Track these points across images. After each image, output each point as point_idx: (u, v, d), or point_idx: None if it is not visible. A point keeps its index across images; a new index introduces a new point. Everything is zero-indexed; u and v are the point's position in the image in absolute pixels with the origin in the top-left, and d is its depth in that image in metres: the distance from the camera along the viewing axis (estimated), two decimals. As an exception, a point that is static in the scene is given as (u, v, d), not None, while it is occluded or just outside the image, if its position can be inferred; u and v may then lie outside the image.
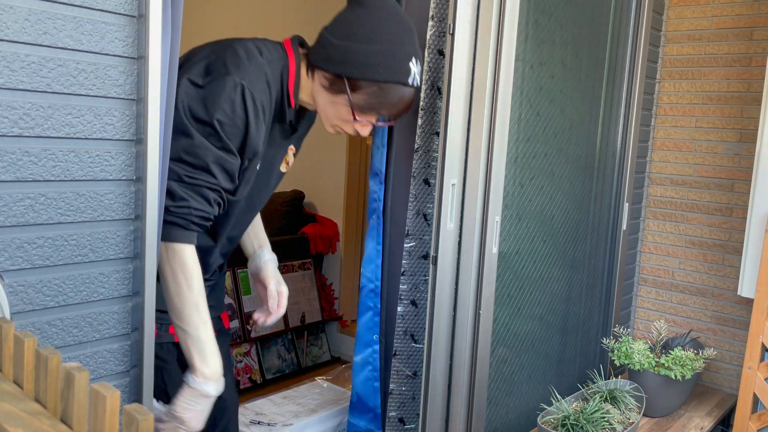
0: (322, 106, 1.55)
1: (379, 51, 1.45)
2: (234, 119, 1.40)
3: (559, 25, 2.30)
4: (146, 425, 0.66)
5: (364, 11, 1.48)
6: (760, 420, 2.34)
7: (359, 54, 1.45)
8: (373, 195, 1.94)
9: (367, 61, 1.45)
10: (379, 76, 1.46)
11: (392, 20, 1.48)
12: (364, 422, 2.00)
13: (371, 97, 1.49)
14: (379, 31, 1.46)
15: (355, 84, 1.47)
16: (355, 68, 1.46)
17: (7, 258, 1.07)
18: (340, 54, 1.46)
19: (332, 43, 1.48)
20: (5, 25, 1.03)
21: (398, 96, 1.51)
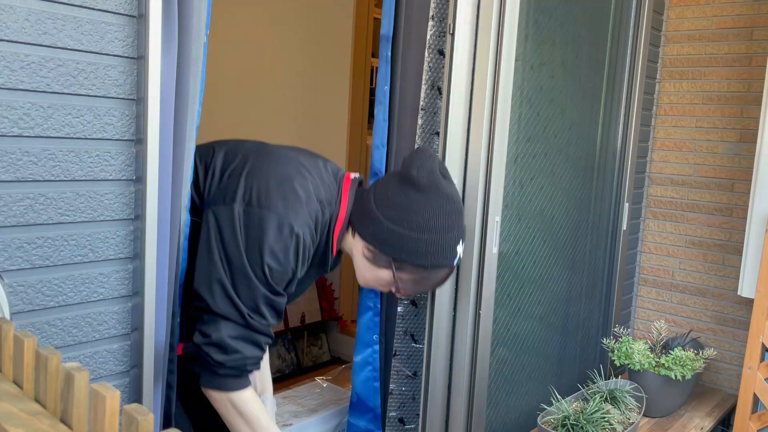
0: (360, 268, 1.56)
1: (433, 240, 1.47)
2: (285, 267, 1.40)
3: (559, 25, 2.30)
4: (146, 425, 0.66)
5: (420, 197, 1.47)
6: (760, 420, 2.34)
7: (412, 242, 1.47)
8: (373, 195, 1.94)
9: (419, 249, 1.47)
10: (428, 262, 1.49)
11: (446, 206, 1.49)
12: (364, 422, 2.00)
13: (416, 277, 1.52)
14: (433, 220, 1.47)
15: (402, 265, 1.50)
16: (406, 254, 1.48)
17: (7, 258, 1.07)
18: (393, 239, 1.47)
19: (384, 225, 1.48)
20: (5, 25, 1.02)
21: (442, 276, 1.56)
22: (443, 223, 1.48)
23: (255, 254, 1.37)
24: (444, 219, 1.48)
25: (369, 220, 1.49)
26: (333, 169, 1.60)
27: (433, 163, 1.51)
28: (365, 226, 1.50)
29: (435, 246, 1.47)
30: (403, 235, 1.46)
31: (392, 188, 1.50)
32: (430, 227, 1.46)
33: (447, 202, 1.49)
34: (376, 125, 1.85)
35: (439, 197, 1.48)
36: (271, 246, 1.37)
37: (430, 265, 1.49)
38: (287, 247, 1.38)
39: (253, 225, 1.37)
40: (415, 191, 1.47)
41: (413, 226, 1.46)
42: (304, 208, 1.42)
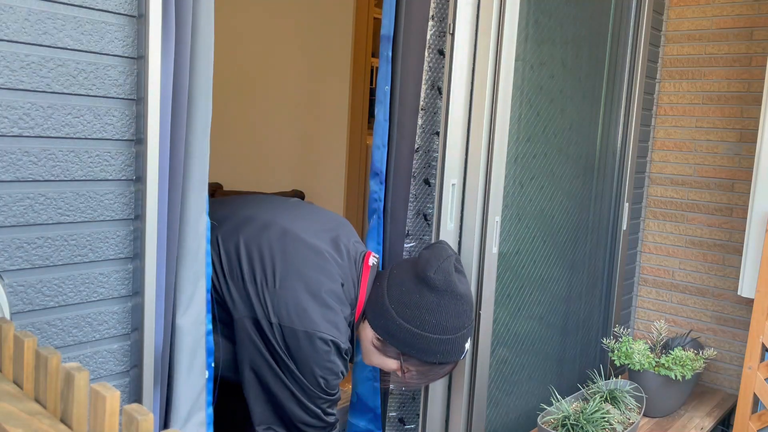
0: (368, 352, 1.59)
1: (446, 341, 1.51)
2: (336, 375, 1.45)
3: (559, 25, 2.30)
4: (146, 425, 0.66)
5: (435, 298, 1.50)
6: (760, 420, 2.34)
7: (424, 341, 1.50)
8: (373, 195, 1.94)
9: (429, 348, 1.51)
10: (437, 359, 1.52)
11: (459, 307, 1.52)
12: (364, 422, 2.00)
13: (422, 369, 1.55)
14: (446, 321, 1.50)
15: (410, 359, 1.53)
16: (416, 351, 1.51)
17: (7, 258, 1.07)
18: (404, 336, 1.50)
19: (396, 321, 1.50)
20: (5, 25, 1.02)
21: (447, 370, 1.59)
22: (455, 324, 1.51)
23: (308, 371, 1.41)
24: (456, 320, 1.51)
25: (381, 313, 1.52)
26: (353, 254, 1.58)
27: (449, 264, 1.53)
28: (377, 318, 1.53)
29: (445, 345, 1.51)
30: (415, 335, 1.49)
31: (407, 286, 1.52)
32: (443, 328, 1.50)
33: (460, 303, 1.52)
34: (376, 125, 1.85)
35: (453, 299, 1.51)
36: (322, 363, 1.41)
37: (438, 362, 1.53)
38: (334, 360, 1.43)
39: (297, 344, 1.39)
40: (429, 292, 1.50)
41: (426, 326, 1.49)
42: (342, 319, 1.45)
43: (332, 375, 1.44)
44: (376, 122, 1.85)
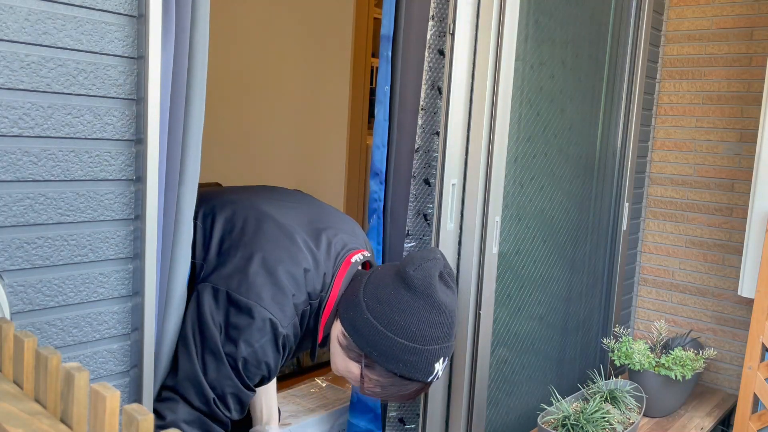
0: (334, 353, 1.45)
1: (411, 350, 1.34)
2: (260, 363, 1.34)
3: (559, 25, 2.30)
4: (146, 425, 0.66)
5: (409, 298, 1.35)
6: (760, 420, 2.34)
7: (387, 343, 1.34)
8: (373, 195, 1.94)
9: (392, 353, 1.35)
10: (399, 371, 1.36)
11: (434, 317, 1.35)
12: (364, 422, 2.00)
13: (383, 381, 1.39)
14: (416, 327, 1.34)
15: (373, 364, 1.37)
16: (377, 353, 1.35)
17: (7, 258, 1.07)
18: (369, 332, 1.36)
19: (364, 315, 1.36)
20: (5, 25, 1.02)
21: (412, 390, 1.41)
22: (426, 334, 1.34)
23: (232, 345, 1.31)
24: (428, 330, 1.34)
25: (352, 306, 1.39)
26: (337, 248, 1.47)
27: (433, 267, 1.38)
28: (347, 311, 1.40)
29: (411, 355, 1.34)
30: (380, 333, 1.34)
31: (384, 281, 1.39)
32: (410, 334, 1.34)
33: (436, 312, 1.35)
34: (376, 125, 1.85)
35: (429, 305, 1.35)
36: (251, 341, 1.31)
37: (400, 374, 1.36)
38: (266, 344, 1.32)
39: (236, 313, 1.31)
40: (405, 290, 1.35)
41: (394, 327, 1.34)
42: (290, 302, 1.35)
43: (254, 359, 1.32)
44: (376, 122, 1.85)
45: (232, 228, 1.44)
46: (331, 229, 1.50)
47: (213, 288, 1.34)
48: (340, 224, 1.55)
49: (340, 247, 1.48)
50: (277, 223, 1.45)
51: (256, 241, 1.40)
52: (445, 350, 1.39)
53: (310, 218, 1.52)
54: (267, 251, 1.38)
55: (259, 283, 1.33)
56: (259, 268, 1.35)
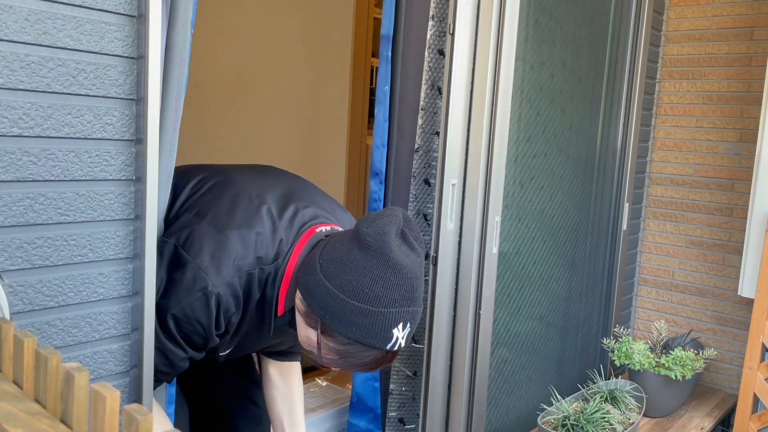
0: (297, 321, 1.37)
1: (364, 311, 1.25)
2: (190, 321, 1.30)
3: (559, 25, 2.30)
4: (146, 425, 0.66)
5: (361, 257, 1.26)
6: (760, 420, 2.34)
7: (341, 306, 1.25)
8: (373, 195, 1.94)
9: (344, 316, 1.25)
10: (354, 335, 1.26)
11: (390, 277, 1.25)
12: (364, 422, 2.00)
13: (340, 349, 1.30)
14: (368, 287, 1.25)
15: (328, 330, 1.28)
16: (330, 317, 1.27)
17: (7, 258, 1.07)
18: (322, 294, 1.27)
19: (317, 276, 1.28)
20: (5, 25, 1.02)
21: (370, 358, 1.30)
22: (380, 295, 1.25)
23: (165, 299, 1.29)
24: (383, 291, 1.25)
25: (308, 269, 1.31)
26: (304, 218, 1.41)
27: (389, 223, 1.28)
28: (303, 275, 1.32)
29: (363, 318, 1.25)
30: (331, 294, 1.26)
31: (340, 242, 1.31)
32: (363, 295, 1.24)
33: (392, 272, 1.25)
34: (376, 125, 1.85)
35: (383, 264, 1.25)
36: (180, 297, 1.28)
37: (354, 340, 1.27)
38: (194, 303, 1.28)
39: (176, 268, 1.29)
40: (358, 249, 1.26)
41: (344, 287, 1.25)
42: (230, 262, 1.29)
43: (184, 315, 1.28)
44: (376, 122, 1.85)
45: (199, 189, 1.43)
46: (305, 202, 1.44)
47: (163, 240, 1.32)
48: (318, 200, 1.49)
49: (308, 218, 1.41)
50: (244, 189, 1.41)
51: (216, 203, 1.37)
52: (404, 315, 1.28)
53: (285, 190, 1.47)
54: (222, 213, 1.35)
55: (204, 241, 1.30)
56: (209, 228, 1.32)
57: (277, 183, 1.49)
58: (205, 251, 1.30)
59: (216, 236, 1.31)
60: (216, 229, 1.32)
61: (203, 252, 1.29)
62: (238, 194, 1.40)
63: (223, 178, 1.45)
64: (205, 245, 1.30)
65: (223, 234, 1.31)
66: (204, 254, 1.29)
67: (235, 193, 1.40)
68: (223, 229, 1.32)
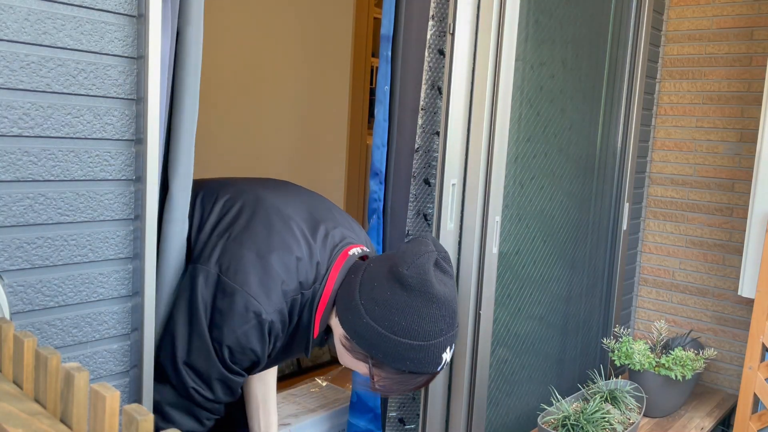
0: (340, 352, 1.43)
1: (417, 347, 1.31)
2: (245, 350, 1.32)
3: (559, 25, 2.30)
4: (146, 425, 0.66)
5: (406, 298, 1.31)
6: (760, 420, 2.34)
7: (392, 345, 1.31)
8: (373, 195, 1.94)
9: (398, 354, 1.31)
10: (408, 368, 1.33)
11: (435, 311, 1.32)
12: (364, 422, 2.00)
13: (394, 378, 1.36)
14: (418, 325, 1.31)
15: (380, 364, 1.35)
16: (383, 355, 1.32)
17: (7, 258, 1.07)
18: (371, 337, 1.32)
19: (364, 320, 1.33)
20: (5, 25, 1.02)
21: (422, 381, 1.39)
22: (429, 330, 1.31)
23: (217, 330, 1.29)
24: (430, 325, 1.31)
25: (351, 309, 1.35)
26: (334, 240, 1.44)
27: (426, 261, 1.34)
28: (345, 313, 1.36)
29: (417, 353, 1.31)
30: (383, 337, 1.31)
31: (380, 280, 1.34)
32: (413, 332, 1.30)
33: (436, 306, 1.31)
34: (376, 125, 1.85)
35: (428, 301, 1.31)
36: (233, 327, 1.29)
37: (408, 371, 1.34)
38: (249, 331, 1.30)
39: (222, 297, 1.30)
40: (402, 291, 1.31)
41: (396, 329, 1.30)
42: (278, 289, 1.32)
43: (239, 346, 1.30)
44: (376, 122, 1.85)
45: (229, 210, 1.42)
46: (330, 222, 1.48)
47: (204, 270, 1.32)
48: (339, 219, 1.53)
49: (338, 239, 1.45)
50: (275, 209, 1.43)
51: (252, 226, 1.38)
52: (450, 339, 1.36)
53: (309, 209, 1.49)
54: (261, 237, 1.36)
55: (248, 268, 1.31)
56: (251, 253, 1.33)
57: (300, 200, 1.51)
58: (252, 279, 1.30)
59: (260, 263, 1.32)
60: (258, 256, 1.33)
61: (250, 280, 1.30)
62: (270, 216, 1.40)
63: (251, 197, 1.45)
64: (251, 274, 1.30)
65: (265, 260, 1.32)
66: (252, 283, 1.30)
67: (267, 215, 1.41)
68: (265, 255, 1.33)
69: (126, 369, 1.25)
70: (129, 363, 1.25)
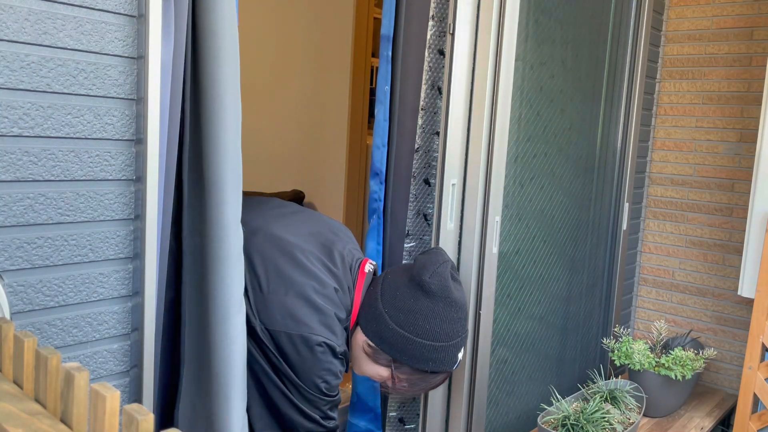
0: (358, 359, 1.56)
1: (437, 347, 1.48)
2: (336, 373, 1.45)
3: (559, 25, 2.30)
4: (146, 425, 0.66)
5: (430, 303, 1.48)
6: (760, 420, 2.34)
7: (417, 348, 1.47)
8: (373, 195, 1.94)
9: (422, 355, 1.48)
10: (429, 367, 1.50)
11: (454, 314, 1.50)
12: (364, 422, 2.00)
13: (413, 378, 1.52)
14: (440, 327, 1.48)
15: (402, 366, 1.50)
16: (408, 357, 1.48)
17: (7, 258, 1.07)
18: (397, 342, 1.48)
19: (390, 326, 1.48)
20: (5, 25, 1.02)
21: (439, 380, 1.56)
22: (449, 331, 1.49)
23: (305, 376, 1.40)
24: (450, 327, 1.49)
25: (374, 318, 1.50)
26: (349, 261, 1.55)
27: (445, 270, 1.51)
28: (369, 323, 1.50)
29: (438, 353, 1.48)
30: (409, 340, 1.47)
31: (401, 290, 1.50)
32: (437, 335, 1.47)
33: (455, 310, 1.50)
34: (376, 125, 1.85)
35: (448, 305, 1.49)
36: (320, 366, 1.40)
37: (430, 371, 1.50)
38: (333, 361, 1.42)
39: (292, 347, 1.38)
40: (425, 297, 1.48)
41: (420, 332, 1.47)
42: (336, 322, 1.43)
43: (331, 375, 1.43)
44: (376, 122, 1.85)
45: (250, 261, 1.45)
46: (338, 243, 1.57)
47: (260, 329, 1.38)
48: (337, 235, 1.61)
49: (350, 259, 1.56)
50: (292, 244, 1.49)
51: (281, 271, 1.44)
52: (465, 339, 1.54)
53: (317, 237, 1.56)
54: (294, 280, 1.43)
55: (301, 313, 1.40)
56: (294, 299, 1.41)
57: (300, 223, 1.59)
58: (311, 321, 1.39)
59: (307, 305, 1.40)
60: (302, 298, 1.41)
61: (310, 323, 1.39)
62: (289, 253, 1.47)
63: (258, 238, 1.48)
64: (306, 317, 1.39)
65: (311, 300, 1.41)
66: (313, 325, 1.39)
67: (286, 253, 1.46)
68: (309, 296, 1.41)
69: (126, 369, 1.25)
70: (129, 363, 1.25)
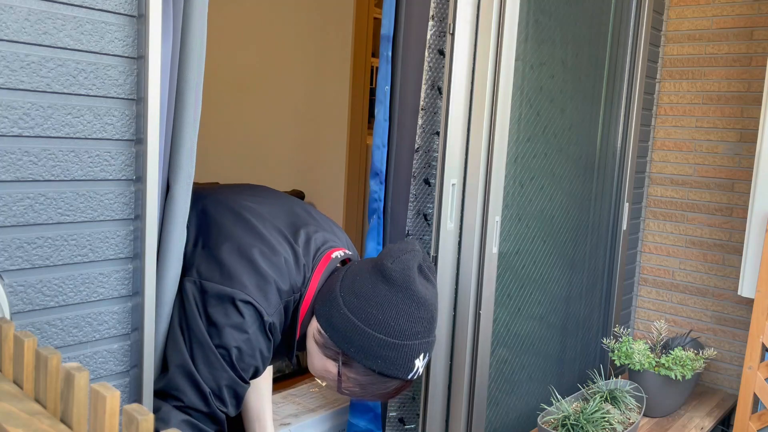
0: (311, 352, 1.39)
1: (390, 345, 1.28)
2: (254, 350, 1.30)
3: (559, 25, 2.30)
4: (146, 425, 0.66)
5: (387, 292, 1.29)
6: (760, 420, 2.34)
7: (365, 338, 1.29)
8: (373, 195, 1.94)
9: (370, 349, 1.29)
10: (378, 367, 1.30)
11: (414, 311, 1.30)
12: (364, 422, 2.00)
13: (363, 379, 1.33)
14: (394, 321, 1.29)
15: (350, 362, 1.31)
16: (355, 350, 1.30)
17: (7, 258, 1.07)
18: (346, 328, 1.30)
19: (341, 310, 1.30)
20: (5, 25, 1.02)
21: (391, 388, 1.35)
22: (405, 329, 1.29)
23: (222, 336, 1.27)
24: (407, 324, 1.29)
25: (328, 301, 1.33)
26: (317, 244, 1.42)
27: (412, 259, 1.33)
28: (322, 307, 1.34)
29: (389, 351, 1.28)
30: (357, 328, 1.28)
31: (362, 274, 1.33)
32: (390, 329, 1.28)
33: (416, 306, 1.30)
34: (376, 125, 1.85)
35: (408, 299, 1.29)
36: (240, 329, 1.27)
37: (378, 371, 1.30)
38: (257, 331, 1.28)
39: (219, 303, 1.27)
40: (383, 284, 1.30)
41: (370, 320, 1.28)
42: (273, 289, 1.31)
43: (249, 347, 1.27)
44: (376, 122, 1.85)
45: (208, 221, 1.41)
46: (312, 226, 1.46)
47: (194, 282, 1.30)
48: (321, 223, 1.52)
49: (320, 243, 1.43)
50: (254, 213, 1.41)
51: (232, 231, 1.36)
52: (425, 346, 1.33)
53: (289, 215, 1.48)
54: (239, 237, 1.34)
55: (238, 271, 1.29)
56: (234, 256, 1.31)
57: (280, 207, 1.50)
58: (247, 281, 1.28)
59: (247, 265, 1.30)
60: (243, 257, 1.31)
61: (246, 282, 1.28)
62: (248, 219, 1.39)
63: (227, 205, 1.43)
64: (243, 276, 1.29)
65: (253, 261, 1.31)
66: (248, 285, 1.28)
67: (245, 219, 1.39)
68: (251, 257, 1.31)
69: (126, 369, 1.25)
70: (129, 363, 1.25)
